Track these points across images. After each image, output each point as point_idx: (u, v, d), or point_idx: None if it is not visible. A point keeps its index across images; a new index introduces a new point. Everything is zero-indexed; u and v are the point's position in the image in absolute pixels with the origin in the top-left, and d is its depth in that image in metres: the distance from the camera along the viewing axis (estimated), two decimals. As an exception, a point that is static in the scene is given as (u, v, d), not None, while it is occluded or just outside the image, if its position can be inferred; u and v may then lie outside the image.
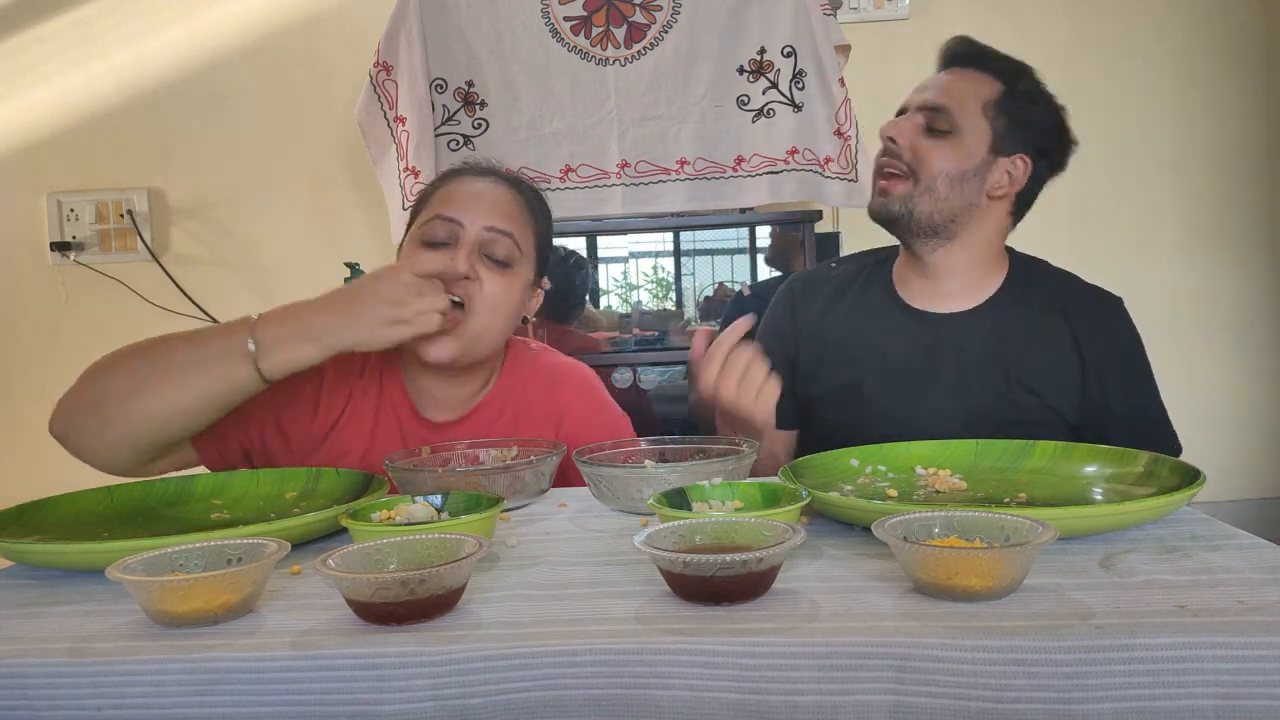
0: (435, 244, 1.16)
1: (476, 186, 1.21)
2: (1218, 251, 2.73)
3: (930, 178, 1.29)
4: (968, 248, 1.33)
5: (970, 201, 1.30)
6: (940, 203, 1.29)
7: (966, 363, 1.30)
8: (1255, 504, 2.72)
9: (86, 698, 0.64)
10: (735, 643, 0.62)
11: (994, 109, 1.30)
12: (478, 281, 1.15)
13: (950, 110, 1.30)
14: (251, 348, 1.05)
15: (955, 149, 1.29)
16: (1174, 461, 0.93)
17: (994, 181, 1.30)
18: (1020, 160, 1.31)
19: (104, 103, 2.68)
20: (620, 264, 2.29)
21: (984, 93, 1.30)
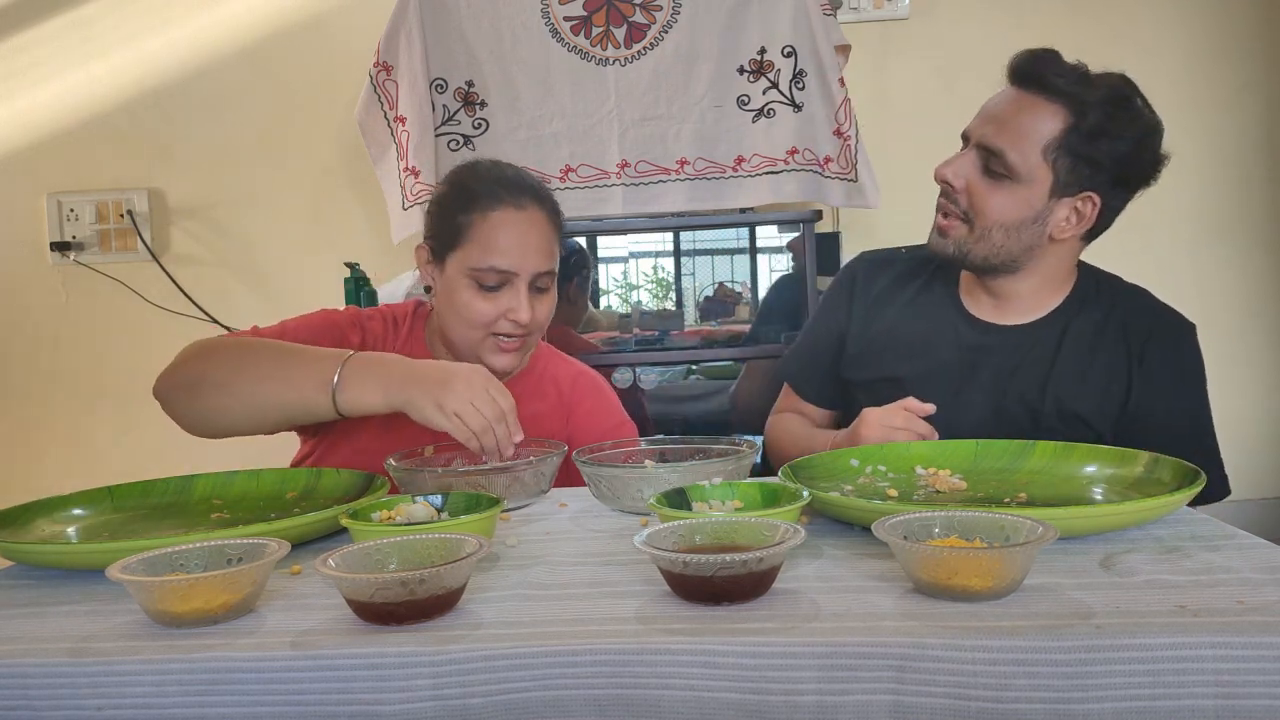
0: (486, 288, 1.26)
1: (522, 226, 1.26)
2: (1218, 251, 2.72)
3: (985, 227, 1.23)
4: (1033, 276, 1.29)
5: (1030, 245, 1.24)
6: (997, 249, 1.24)
7: (1006, 376, 1.27)
8: (1255, 504, 2.72)
9: (86, 697, 0.64)
10: (735, 643, 0.62)
11: (1055, 150, 1.19)
12: (532, 320, 1.27)
13: (1007, 155, 1.20)
14: (335, 380, 1.11)
15: (1013, 196, 1.22)
16: (1174, 462, 0.93)
17: (1057, 223, 1.23)
18: (1088, 200, 1.22)
19: (104, 103, 2.68)
20: (620, 264, 2.29)
21: (1046, 130, 1.19)
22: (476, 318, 1.25)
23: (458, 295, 1.26)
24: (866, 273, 1.42)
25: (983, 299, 1.33)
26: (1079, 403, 1.24)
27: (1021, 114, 1.22)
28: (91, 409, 2.66)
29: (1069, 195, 1.22)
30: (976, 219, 1.24)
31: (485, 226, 1.25)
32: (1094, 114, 1.19)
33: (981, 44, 2.65)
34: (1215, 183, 2.71)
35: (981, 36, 2.65)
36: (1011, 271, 1.28)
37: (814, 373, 1.44)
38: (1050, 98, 1.21)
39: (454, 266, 1.27)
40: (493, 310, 1.25)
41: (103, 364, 2.67)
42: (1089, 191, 1.22)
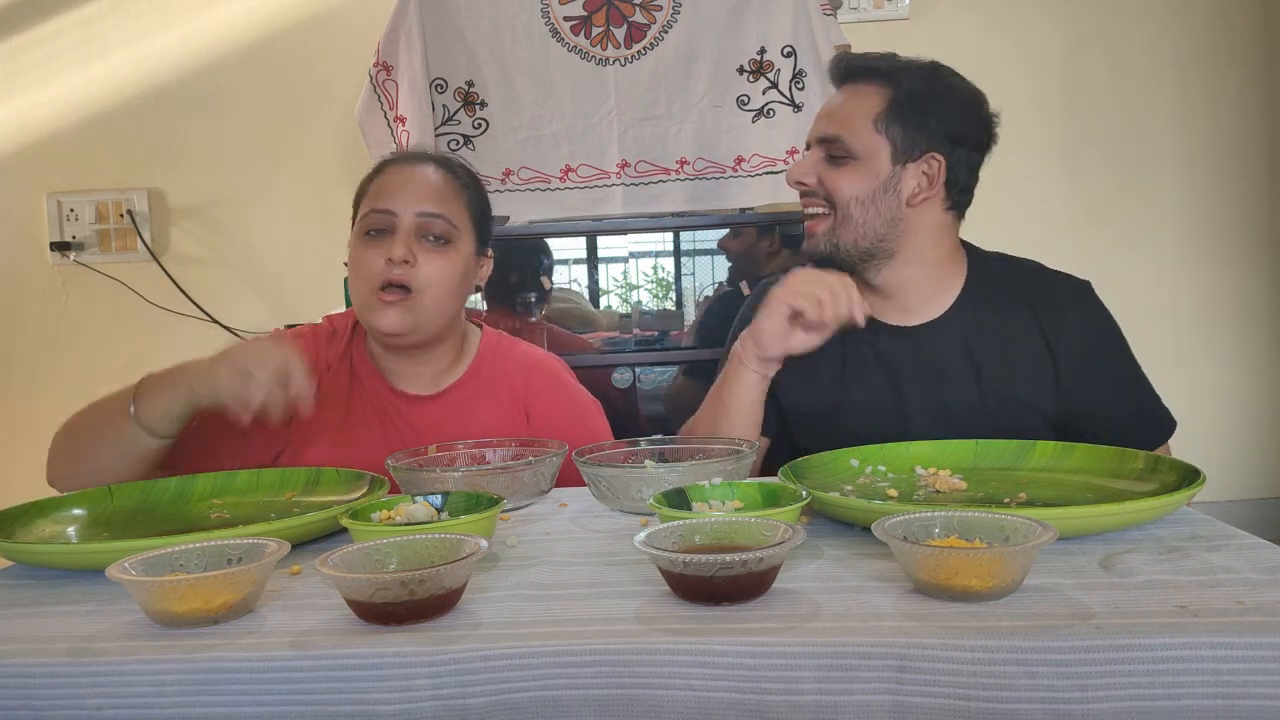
0: (375, 233, 1.24)
1: (406, 174, 1.28)
2: (1218, 251, 2.72)
3: (844, 208, 1.26)
4: (913, 259, 1.29)
5: (891, 217, 1.26)
6: (860, 228, 1.26)
7: (938, 374, 1.27)
8: (1255, 504, 2.72)
9: (86, 697, 0.64)
10: (735, 643, 0.62)
11: (885, 120, 1.25)
12: (415, 266, 1.23)
13: (841, 136, 1.26)
14: (131, 407, 1.12)
15: (858, 172, 1.26)
16: (1174, 461, 0.93)
17: (910, 189, 1.26)
18: (932, 159, 1.26)
19: (104, 103, 2.68)
20: (620, 264, 2.29)
21: (871, 106, 1.26)
22: (362, 269, 1.23)
23: (351, 256, 1.26)
24: None
25: (879, 304, 1.32)
26: (1015, 388, 1.25)
27: (846, 101, 1.29)
28: (91, 409, 2.66)
29: (912, 160, 1.26)
30: (835, 203, 1.28)
31: (376, 182, 1.29)
32: (909, 81, 1.26)
33: (981, 44, 2.65)
34: (1215, 182, 2.71)
35: (981, 36, 2.65)
36: (888, 256, 1.28)
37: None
38: (868, 80, 1.28)
39: (352, 234, 1.29)
40: (376, 258, 1.22)
41: (103, 364, 2.67)
42: (930, 152, 1.26)
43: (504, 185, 2.22)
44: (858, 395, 1.30)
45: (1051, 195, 2.69)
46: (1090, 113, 2.69)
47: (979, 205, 1.34)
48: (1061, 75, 2.67)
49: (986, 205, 2.66)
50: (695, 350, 2.21)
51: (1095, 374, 1.27)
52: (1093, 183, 2.70)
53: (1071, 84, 2.68)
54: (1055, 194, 2.69)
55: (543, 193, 2.22)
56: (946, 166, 1.27)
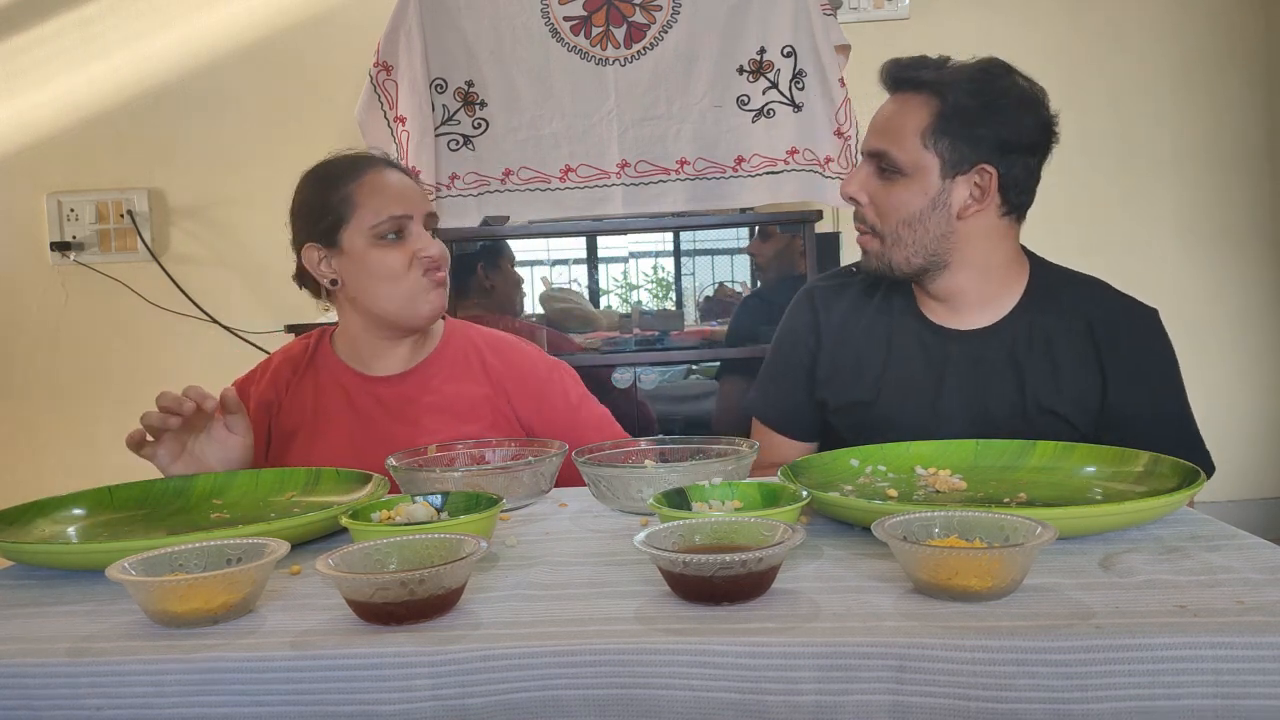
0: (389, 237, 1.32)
1: (392, 179, 1.35)
2: (1218, 251, 2.73)
3: (891, 230, 1.25)
4: (967, 268, 1.27)
5: (942, 232, 1.25)
6: (910, 247, 1.25)
7: (981, 379, 1.26)
8: (1255, 504, 2.72)
9: (86, 697, 0.64)
10: (735, 643, 0.62)
11: (932, 134, 1.23)
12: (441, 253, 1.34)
13: (890, 153, 1.24)
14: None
15: (907, 189, 1.24)
16: (1174, 461, 0.93)
17: (960, 203, 1.24)
18: (983, 171, 1.23)
19: (104, 103, 2.68)
20: (620, 264, 2.29)
21: (919, 120, 1.23)
22: (396, 269, 1.31)
23: (369, 260, 1.31)
24: (824, 297, 1.40)
25: (935, 305, 1.32)
26: (1057, 402, 1.24)
27: (895, 114, 1.27)
28: (91, 409, 2.66)
29: (962, 173, 1.24)
30: (883, 224, 1.26)
31: (365, 189, 1.33)
32: (958, 92, 1.23)
33: (981, 44, 2.64)
34: (1215, 182, 2.71)
35: (981, 36, 2.65)
36: (942, 267, 1.27)
37: (787, 404, 1.40)
38: (917, 91, 1.25)
39: (352, 238, 1.32)
40: (405, 256, 1.31)
41: (103, 364, 2.67)
42: (981, 164, 1.23)
43: (504, 185, 2.22)
44: (898, 388, 1.29)
45: (1052, 195, 2.68)
46: (1091, 112, 2.69)
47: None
48: (1061, 75, 2.67)
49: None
50: (696, 350, 2.21)
51: (1142, 402, 1.24)
52: (1093, 182, 2.70)
53: (1072, 83, 2.68)
54: (1055, 194, 2.69)
55: (543, 193, 2.22)
56: (999, 175, 1.24)
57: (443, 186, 2.19)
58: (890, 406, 1.29)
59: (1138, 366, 1.25)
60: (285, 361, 1.41)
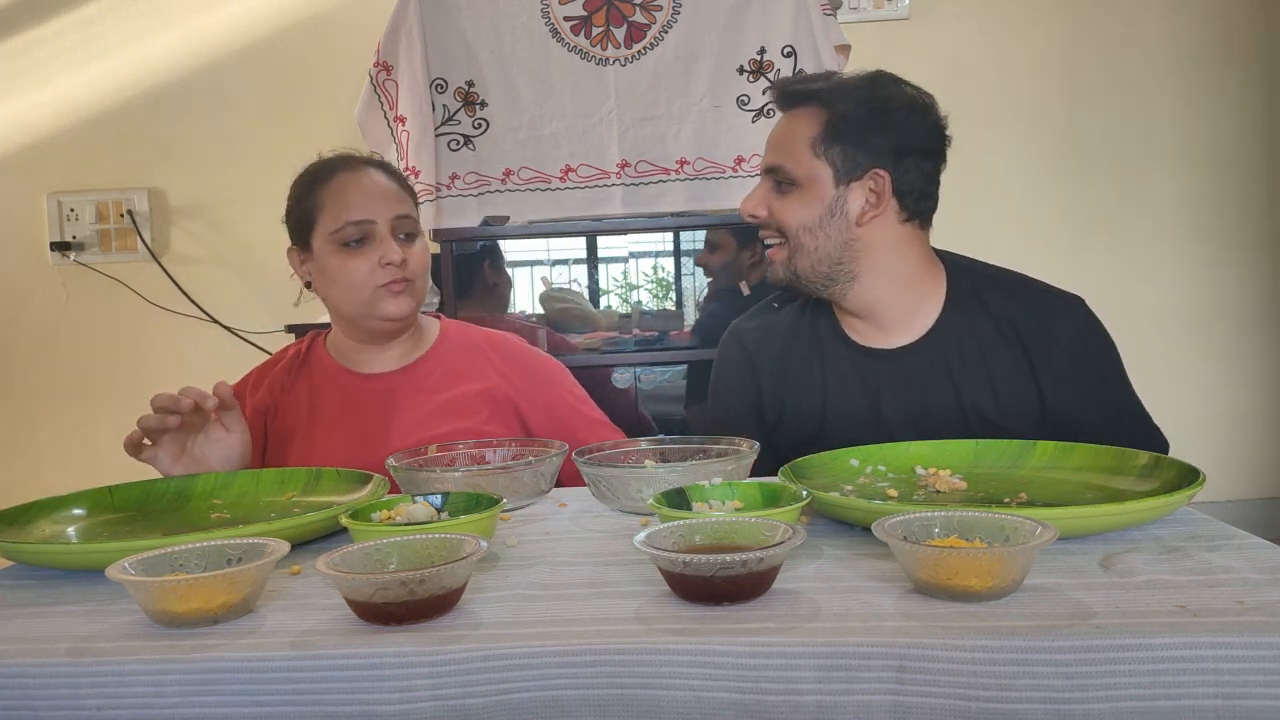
0: (355, 243, 1.31)
1: (363, 182, 1.34)
2: (1218, 251, 2.73)
3: (794, 237, 1.26)
4: (878, 278, 1.26)
5: (843, 239, 1.24)
6: (813, 254, 1.25)
7: (918, 397, 1.25)
8: (1255, 504, 2.72)
9: (86, 697, 0.64)
10: (735, 643, 0.62)
11: (823, 143, 1.24)
12: (406, 261, 1.32)
13: (782, 164, 1.26)
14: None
15: (802, 199, 1.26)
16: (1174, 461, 0.93)
17: (857, 209, 1.24)
18: (876, 175, 1.23)
19: (104, 103, 2.68)
20: (620, 264, 2.29)
21: (808, 131, 1.25)
22: (354, 277, 1.30)
23: (330, 265, 1.32)
24: (754, 339, 1.38)
25: (859, 326, 1.31)
26: (997, 413, 1.22)
27: (786, 128, 1.29)
28: (91, 409, 2.66)
29: (855, 179, 1.24)
30: (786, 233, 1.27)
31: (331, 192, 1.33)
32: (845, 101, 1.25)
33: (981, 44, 2.65)
34: (1215, 183, 2.71)
35: (981, 36, 2.65)
36: (850, 278, 1.26)
37: None
38: (805, 104, 1.28)
39: (319, 243, 1.33)
40: (365, 265, 1.30)
41: (103, 364, 2.67)
42: (873, 169, 1.24)
43: (504, 185, 2.22)
44: (839, 417, 1.28)
45: (1051, 196, 2.69)
46: (1090, 113, 2.69)
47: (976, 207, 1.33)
48: (1061, 75, 2.68)
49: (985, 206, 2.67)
50: (696, 350, 2.21)
51: (1083, 400, 1.23)
52: (1092, 183, 2.70)
53: (1071, 84, 2.68)
54: (1055, 194, 2.69)
55: (543, 193, 2.22)
56: (893, 179, 1.24)
57: (443, 186, 2.19)
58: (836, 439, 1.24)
59: (1071, 364, 1.23)
60: (279, 366, 1.42)
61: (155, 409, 1.14)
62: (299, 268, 1.39)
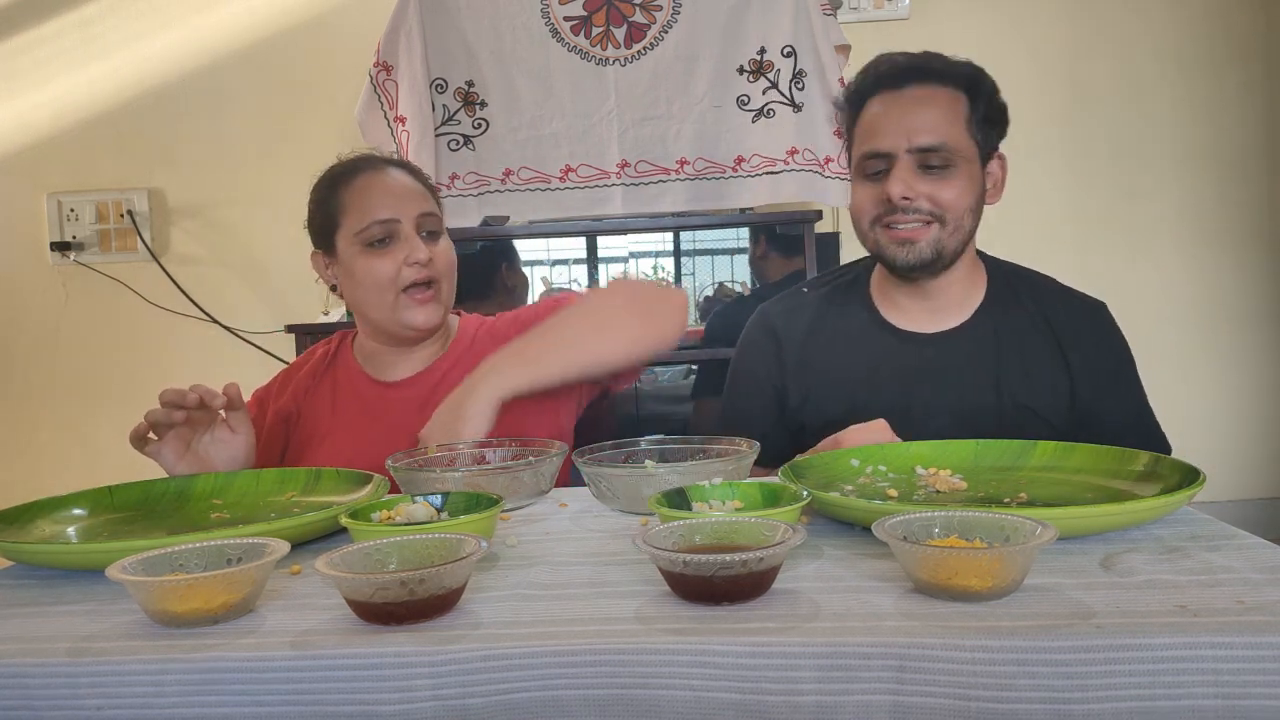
0: (379, 243, 1.29)
1: (385, 181, 1.33)
2: (1218, 251, 2.73)
3: (957, 217, 1.25)
4: (965, 258, 1.30)
5: (979, 217, 1.29)
6: (965, 233, 1.27)
7: (958, 383, 1.27)
8: (1255, 504, 2.72)
9: (86, 697, 0.64)
10: (735, 643, 0.62)
11: (973, 124, 1.27)
12: (432, 260, 1.31)
13: (945, 145, 1.24)
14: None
15: (962, 179, 1.26)
16: (1174, 461, 0.93)
17: (988, 190, 1.30)
18: (999, 159, 1.30)
19: (104, 103, 2.68)
20: (620, 264, 2.29)
21: (959, 111, 1.26)
22: (380, 277, 1.29)
23: (356, 267, 1.30)
24: (783, 320, 1.38)
25: (909, 306, 1.32)
26: (1033, 399, 1.25)
27: (934, 106, 1.26)
28: (91, 409, 2.66)
29: (988, 161, 1.30)
30: (947, 215, 1.25)
31: (353, 193, 1.32)
32: (985, 83, 1.29)
33: (981, 44, 2.65)
34: (1216, 182, 2.71)
35: (981, 36, 2.65)
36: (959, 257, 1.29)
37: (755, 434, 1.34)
38: (943, 84, 1.27)
39: (343, 244, 1.31)
40: (391, 265, 1.28)
41: (103, 364, 2.67)
42: (997, 151, 1.30)
43: (504, 185, 2.22)
44: (880, 401, 1.28)
45: (1053, 196, 2.69)
46: (1091, 113, 2.69)
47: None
48: (1062, 75, 2.68)
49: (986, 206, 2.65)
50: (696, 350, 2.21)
51: (1106, 398, 1.27)
52: (1094, 183, 2.70)
53: (1072, 84, 2.68)
54: (1056, 194, 2.70)
55: (543, 193, 2.22)
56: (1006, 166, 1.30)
57: (443, 186, 2.19)
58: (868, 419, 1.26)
59: (1099, 363, 1.27)
60: (304, 370, 1.40)
61: (162, 403, 1.13)
62: (324, 271, 1.37)
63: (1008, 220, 2.65)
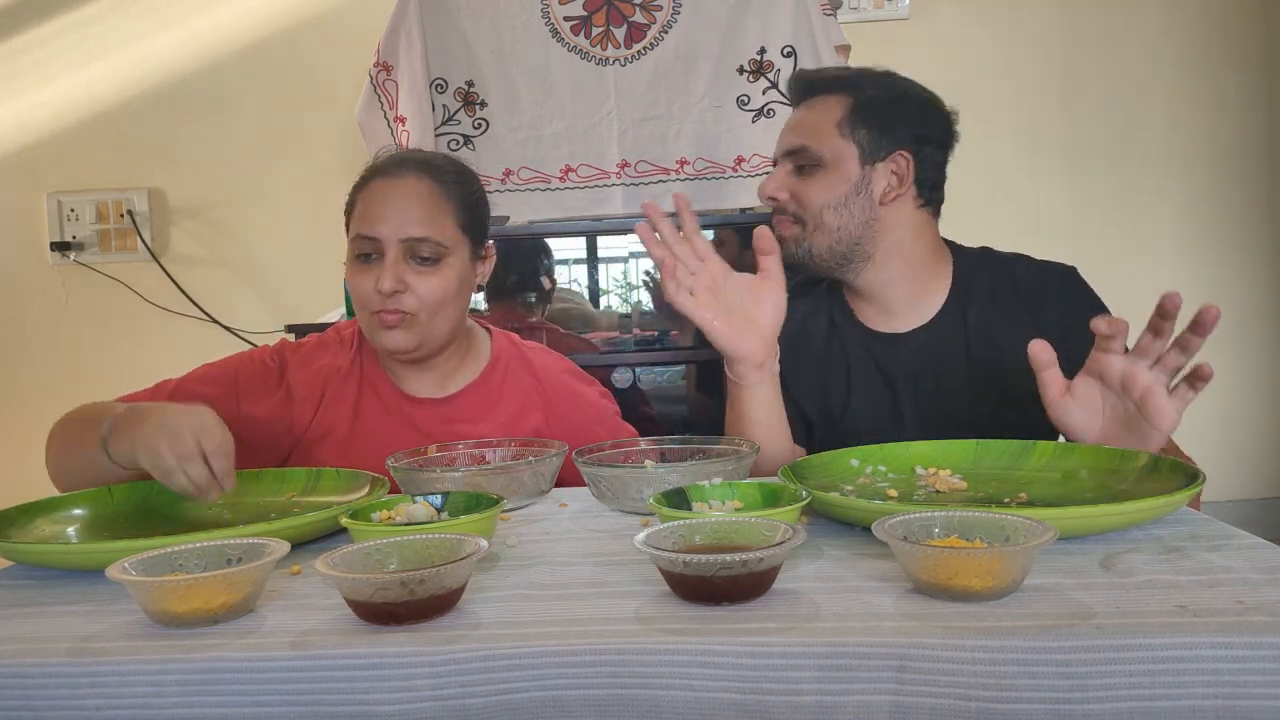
0: (363, 257, 1.23)
1: (390, 191, 1.24)
2: (1217, 251, 2.72)
3: (815, 216, 1.28)
4: (892, 259, 1.30)
5: (865, 219, 1.28)
6: (834, 233, 1.28)
7: (936, 378, 1.28)
8: (1255, 504, 2.72)
9: (86, 697, 0.64)
10: (735, 643, 0.62)
11: (849, 124, 1.28)
12: (408, 291, 1.21)
13: (809, 146, 1.28)
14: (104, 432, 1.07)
15: (828, 177, 1.28)
16: (1174, 461, 0.93)
17: (881, 189, 1.28)
18: (900, 157, 1.28)
19: (104, 103, 2.68)
20: (620, 264, 2.29)
21: (834, 114, 1.29)
22: (359, 293, 1.23)
23: (348, 274, 1.26)
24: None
25: (867, 310, 1.34)
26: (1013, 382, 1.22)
27: (809, 113, 1.31)
28: (91, 409, 2.65)
29: (880, 160, 1.28)
30: (805, 212, 1.28)
31: (363, 197, 1.26)
32: (869, 87, 1.30)
33: (981, 44, 2.65)
34: (1215, 182, 2.71)
35: (981, 36, 2.65)
36: (865, 258, 1.29)
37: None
38: (828, 92, 1.31)
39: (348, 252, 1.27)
40: (368, 283, 1.21)
41: (103, 364, 2.67)
42: (898, 151, 1.28)
43: (504, 185, 2.22)
44: (860, 404, 1.31)
45: (1051, 194, 2.69)
46: (1090, 112, 2.69)
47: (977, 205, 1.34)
48: (1062, 75, 2.67)
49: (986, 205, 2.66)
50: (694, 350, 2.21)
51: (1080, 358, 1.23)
52: (1092, 182, 2.70)
53: (1071, 83, 2.68)
54: (1054, 193, 2.69)
55: (543, 193, 2.23)
56: (915, 164, 1.28)
57: (443, 186, 2.19)
58: (855, 422, 1.30)
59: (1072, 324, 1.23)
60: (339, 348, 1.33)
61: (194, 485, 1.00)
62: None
63: (1006, 218, 2.65)
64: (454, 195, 1.27)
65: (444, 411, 1.30)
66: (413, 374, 1.32)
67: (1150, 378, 1.01)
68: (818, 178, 1.28)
